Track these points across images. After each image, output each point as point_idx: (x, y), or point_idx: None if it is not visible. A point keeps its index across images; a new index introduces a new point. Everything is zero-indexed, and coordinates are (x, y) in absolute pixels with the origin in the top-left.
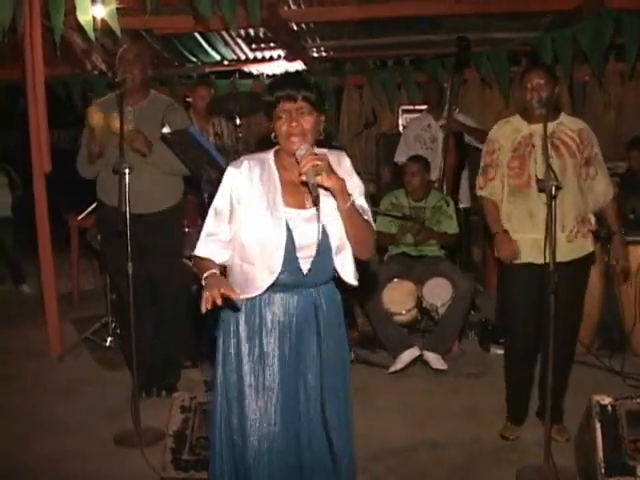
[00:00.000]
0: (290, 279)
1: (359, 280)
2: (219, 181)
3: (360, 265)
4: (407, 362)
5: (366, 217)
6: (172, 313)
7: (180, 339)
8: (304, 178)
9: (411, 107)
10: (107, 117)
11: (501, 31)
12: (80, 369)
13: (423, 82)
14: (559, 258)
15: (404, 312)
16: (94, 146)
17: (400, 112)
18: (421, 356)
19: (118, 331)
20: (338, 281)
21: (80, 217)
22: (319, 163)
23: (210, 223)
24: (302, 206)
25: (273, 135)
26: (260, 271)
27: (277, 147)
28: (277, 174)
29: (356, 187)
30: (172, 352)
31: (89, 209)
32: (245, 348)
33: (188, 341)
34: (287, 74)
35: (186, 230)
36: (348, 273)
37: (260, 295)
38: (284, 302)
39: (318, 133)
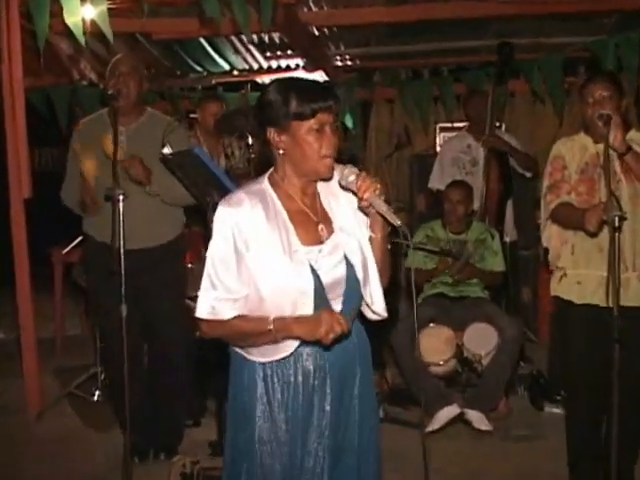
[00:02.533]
0: None
1: (388, 326)
2: None
3: (390, 309)
4: (445, 421)
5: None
6: (171, 363)
7: (180, 394)
8: (365, 204)
9: (449, 124)
10: (94, 139)
11: (555, 35)
12: (63, 428)
13: (463, 95)
14: (629, 301)
15: (441, 362)
16: (86, 197)
17: (437, 130)
18: (462, 414)
19: (108, 384)
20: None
21: (65, 251)
22: (378, 185)
23: (214, 275)
24: (319, 240)
25: (281, 151)
26: None
27: (270, 172)
28: (281, 205)
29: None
30: (171, 409)
31: (75, 242)
32: (278, 414)
33: (190, 396)
34: (313, 80)
35: (189, 266)
36: (378, 304)
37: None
38: (318, 351)
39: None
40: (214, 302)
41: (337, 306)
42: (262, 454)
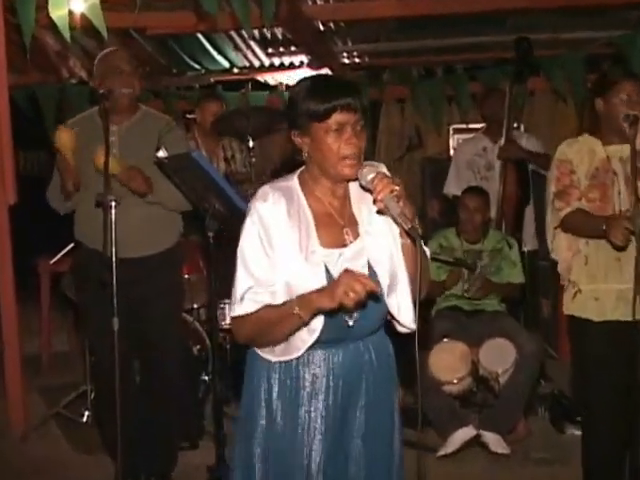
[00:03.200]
0: (334, 334)
1: (400, 341)
2: (227, 218)
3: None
4: (460, 444)
5: (426, 248)
6: (167, 382)
7: (176, 414)
8: (381, 206)
9: (464, 126)
10: (84, 141)
11: (576, 30)
12: (49, 451)
13: (479, 95)
14: None
15: (456, 381)
16: (67, 180)
17: (451, 132)
18: (478, 437)
19: (98, 403)
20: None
21: (53, 261)
22: (397, 187)
23: (246, 270)
24: (342, 243)
25: (306, 154)
26: (298, 330)
27: (301, 170)
28: (307, 205)
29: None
30: (166, 430)
31: (64, 251)
32: (279, 419)
33: (186, 416)
34: (334, 77)
35: (186, 277)
36: (405, 316)
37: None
38: (326, 360)
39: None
40: (250, 295)
41: (350, 319)
42: (262, 456)
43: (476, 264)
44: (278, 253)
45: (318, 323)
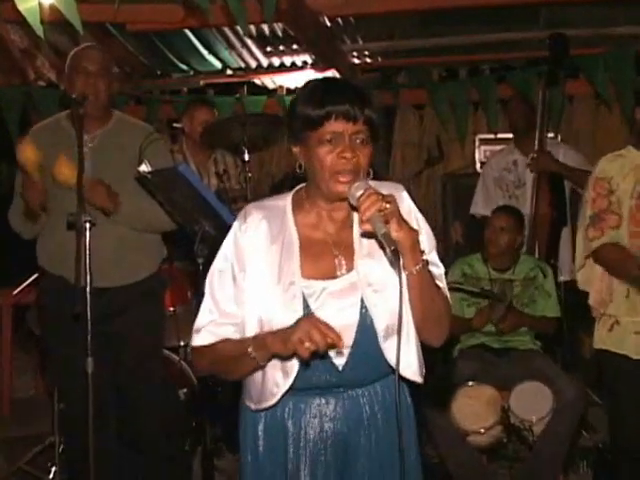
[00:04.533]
0: (321, 379)
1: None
2: (219, 241)
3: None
4: None
5: (440, 283)
6: (148, 432)
7: (159, 469)
8: (367, 227)
9: (492, 136)
10: (50, 152)
11: (622, 24)
12: None
13: (509, 100)
14: None
15: (483, 431)
16: (32, 199)
17: (477, 143)
18: None
19: (67, 458)
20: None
21: (16, 292)
22: (387, 205)
23: (211, 296)
24: (330, 274)
25: (299, 167)
26: (271, 371)
27: (299, 187)
28: (295, 229)
29: (425, 237)
30: None
31: (29, 280)
32: (268, 476)
33: (171, 472)
34: (337, 80)
35: (171, 310)
36: (409, 366)
37: (280, 402)
38: (316, 411)
39: (368, 171)
40: (211, 327)
41: (339, 359)
42: None
43: (505, 295)
44: (252, 282)
45: (292, 365)
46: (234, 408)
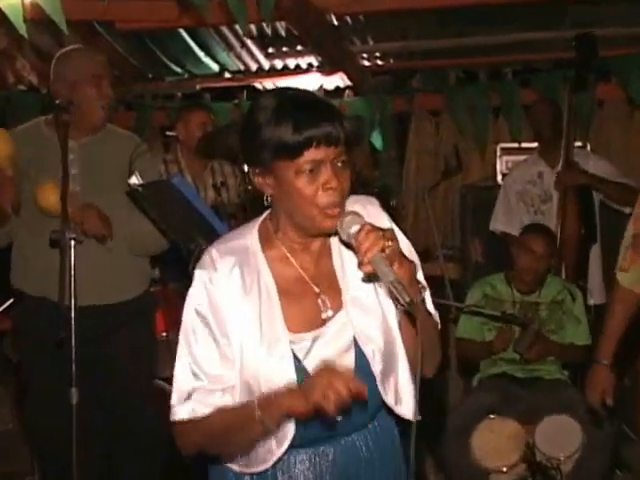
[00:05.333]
0: (316, 433)
1: (426, 413)
2: None
3: (428, 388)
4: None
5: (431, 308)
6: (138, 471)
7: None
8: (369, 269)
9: (515, 145)
10: (29, 159)
11: None
12: None
13: (533, 105)
14: None
15: (505, 469)
16: (3, 197)
17: (498, 153)
18: None
19: None
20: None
21: None
22: (390, 244)
23: (193, 361)
24: (317, 322)
25: (269, 198)
26: (263, 439)
27: (264, 217)
28: (269, 272)
29: (407, 253)
30: None
31: (6, 304)
32: None
33: None
34: (302, 95)
35: (163, 335)
36: (406, 405)
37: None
38: (312, 462)
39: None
40: (200, 395)
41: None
42: None
43: (531, 320)
44: (234, 343)
45: (288, 429)
46: None
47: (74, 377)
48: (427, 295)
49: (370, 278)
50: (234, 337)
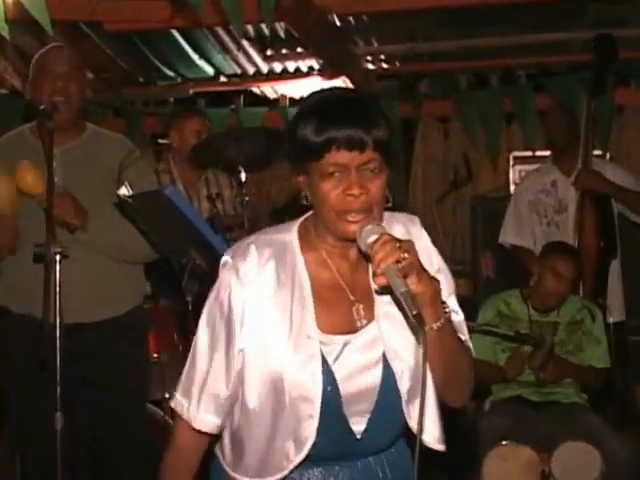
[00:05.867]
0: (335, 448)
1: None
2: (212, 276)
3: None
4: None
5: (463, 336)
6: None
7: None
8: (382, 281)
9: (529, 154)
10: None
11: None
12: None
13: (549, 111)
14: None
15: None
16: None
17: (511, 161)
18: None
19: None
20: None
21: None
22: (405, 255)
23: (198, 353)
24: (350, 328)
25: (304, 196)
26: (281, 442)
27: (306, 217)
28: (305, 271)
29: (443, 279)
30: None
31: None
32: None
33: None
34: (340, 95)
35: (155, 356)
36: (431, 433)
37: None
38: (320, 475)
39: (384, 201)
40: (195, 391)
41: (359, 426)
42: None
43: (544, 339)
44: (256, 339)
45: (309, 432)
46: None
47: (59, 401)
48: (460, 320)
49: (383, 290)
50: (255, 331)
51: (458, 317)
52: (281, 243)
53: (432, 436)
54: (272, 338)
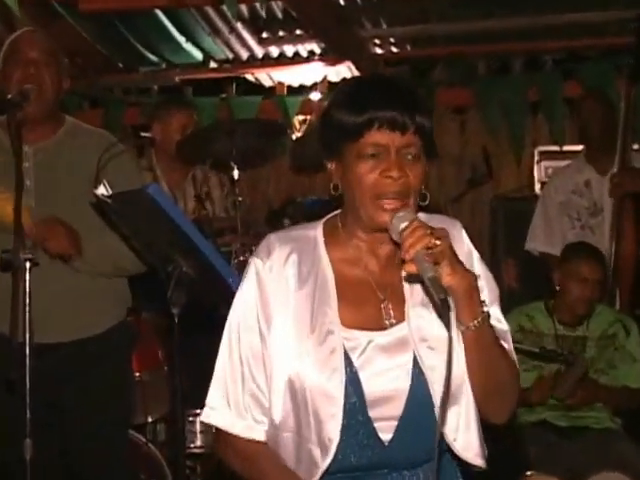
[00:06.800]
0: (362, 456)
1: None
2: (200, 286)
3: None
4: None
5: (505, 344)
6: None
7: None
8: (412, 268)
9: (556, 148)
10: None
11: None
12: None
13: (580, 101)
14: None
15: None
16: None
17: (536, 157)
18: None
19: None
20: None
21: None
22: (437, 242)
23: (237, 360)
24: (377, 325)
25: (334, 188)
26: (308, 447)
27: (333, 214)
28: (330, 266)
29: (485, 285)
30: None
31: None
32: None
33: None
34: (382, 79)
35: (137, 376)
36: (469, 447)
37: None
38: None
39: (421, 194)
40: (240, 401)
41: (386, 434)
42: None
43: (576, 358)
44: (278, 335)
45: (333, 433)
46: None
47: (28, 427)
48: (504, 330)
49: (412, 279)
50: (279, 329)
51: (502, 326)
52: (305, 238)
53: (473, 452)
54: (294, 334)
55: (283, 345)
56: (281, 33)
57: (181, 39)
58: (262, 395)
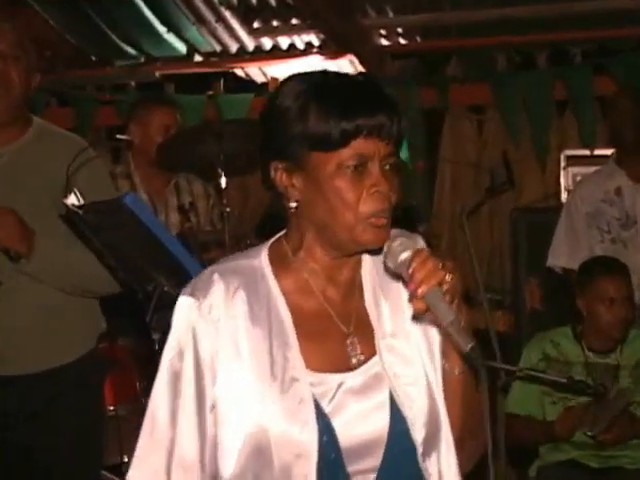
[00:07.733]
0: None
1: None
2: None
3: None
4: None
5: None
6: None
7: None
8: (421, 306)
9: (586, 152)
10: None
11: None
12: None
13: (612, 99)
14: None
15: None
16: None
17: (563, 162)
18: None
19: None
20: None
21: None
22: (448, 277)
23: (158, 424)
24: (345, 365)
25: (293, 204)
26: None
27: (277, 237)
28: (283, 300)
29: None
30: None
31: None
32: None
33: None
34: (348, 76)
35: (111, 409)
36: None
37: None
38: None
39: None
40: (160, 470)
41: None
42: None
43: (607, 389)
44: (231, 389)
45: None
46: None
47: None
48: None
49: (419, 317)
50: (228, 382)
51: None
52: (249, 270)
53: None
54: (250, 386)
55: (237, 398)
56: (275, 23)
57: (162, 29)
58: (186, 462)
